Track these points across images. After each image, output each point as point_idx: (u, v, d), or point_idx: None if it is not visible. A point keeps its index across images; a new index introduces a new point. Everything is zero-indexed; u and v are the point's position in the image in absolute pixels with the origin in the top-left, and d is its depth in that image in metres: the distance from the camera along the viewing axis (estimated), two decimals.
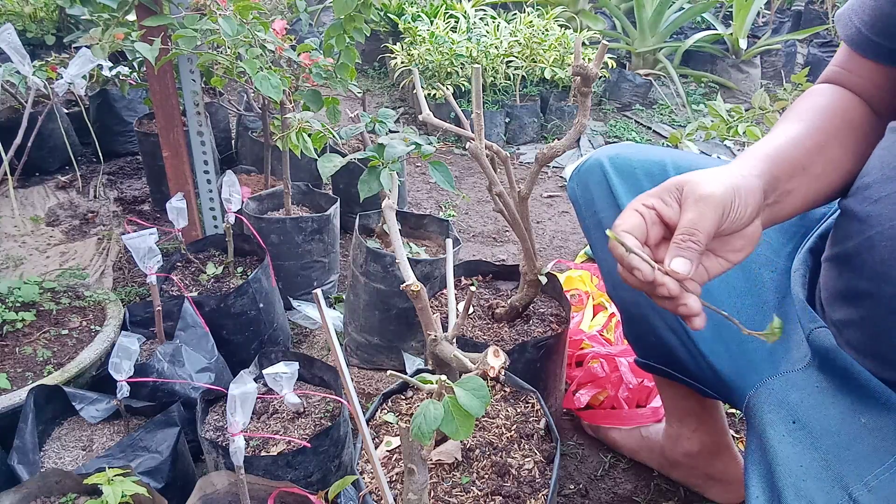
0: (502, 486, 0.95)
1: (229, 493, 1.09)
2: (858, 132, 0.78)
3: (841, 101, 0.80)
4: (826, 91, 0.82)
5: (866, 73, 0.79)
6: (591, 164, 1.05)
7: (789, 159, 0.73)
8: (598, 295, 1.85)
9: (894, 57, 0.75)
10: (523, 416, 1.10)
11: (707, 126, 2.02)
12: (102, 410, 1.27)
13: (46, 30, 3.47)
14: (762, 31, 4.56)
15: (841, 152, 0.76)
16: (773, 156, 0.72)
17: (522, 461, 1.00)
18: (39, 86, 1.64)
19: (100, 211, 2.47)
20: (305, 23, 2.78)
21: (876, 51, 0.76)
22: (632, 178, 1.00)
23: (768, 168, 0.70)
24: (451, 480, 0.97)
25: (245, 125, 2.55)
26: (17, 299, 1.51)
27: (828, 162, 0.75)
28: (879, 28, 0.74)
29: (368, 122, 1.62)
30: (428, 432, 0.71)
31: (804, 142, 0.75)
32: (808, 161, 0.74)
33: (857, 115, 0.80)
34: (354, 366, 1.73)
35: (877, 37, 0.74)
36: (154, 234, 1.33)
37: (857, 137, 0.78)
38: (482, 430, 1.06)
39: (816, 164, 0.74)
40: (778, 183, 0.71)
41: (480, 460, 1.00)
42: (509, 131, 3.35)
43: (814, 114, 0.79)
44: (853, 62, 0.80)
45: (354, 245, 1.65)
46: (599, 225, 1.04)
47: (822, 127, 0.77)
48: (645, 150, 1.03)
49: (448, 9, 3.91)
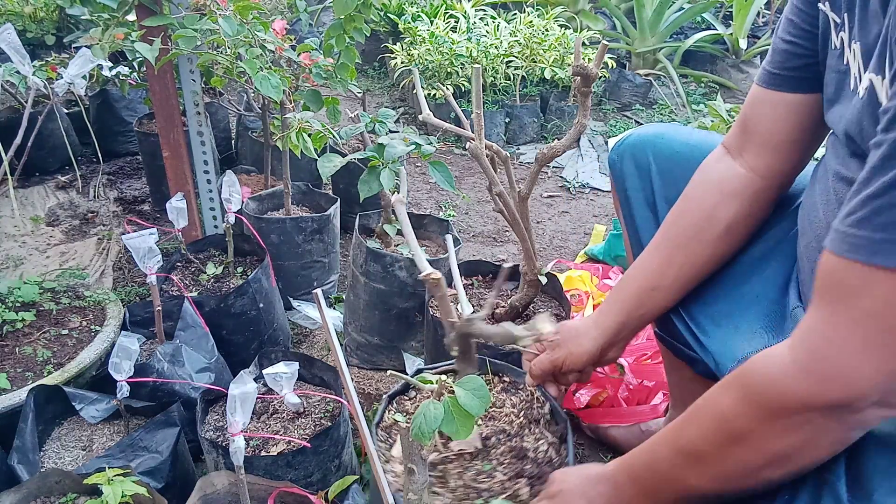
0: (524, 469, 0.98)
1: (229, 493, 1.09)
2: (715, 222, 0.95)
3: (705, 191, 0.96)
4: (701, 173, 0.98)
5: (770, 108, 0.90)
6: (637, 142, 1.11)
7: (635, 291, 1.01)
8: (599, 295, 1.85)
9: (791, 84, 0.87)
10: (527, 402, 1.12)
11: (707, 126, 2.02)
12: (102, 410, 1.27)
13: (46, 30, 3.47)
14: (762, 31, 4.56)
15: (697, 247, 0.95)
16: (619, 298, 1.03)
17: (537, 444, 1.03)
18: (39, 86, 1.63)
19: (100, 211, 2.47)
20: (305, 23, 2.77)
21: (780, 82, 0.88)
22: (671, 162, 1.08)
23: (615, 314, 1.02)
24: (475, 468, 0.98)
25: (245, 125, 2.55)
26: (17, 299, 1.51)
27: (682, 265, 0.96)
28: (777, 62, 0.88)
29: (368, 122, 1.62)
30: (428, 432, 0.71)
31: (652, 262, 0.99)
32: (657, 280, 0.98)
33: (719, 199, 0.94)
34: (354, 366, 1.73)
35: (777, 69, 0.88)
36: (154, 234, 1.33)
37: (714, 229, 0.95)
38: (492, 420, 1.08)
39: (667, 276, 0.97)
40: (627, 321, 1.01)
41: (497, 447, 1.02)
42: (509, 131, 3.35)
43: (668, 224, 1.00)
44: (759, 104, 0.92)
45: (354, 245, 1.65)
46: (627, 201, 1.12)
47: (671, 237, 0.98)
48: (686, 133, 1.11)
49: (448, 9, 3.91)
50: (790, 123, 0.88)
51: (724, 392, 0.72)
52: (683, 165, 1.03)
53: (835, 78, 0.77)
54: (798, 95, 0.86)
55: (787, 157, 0.91)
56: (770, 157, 0.91)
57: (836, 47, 0.76)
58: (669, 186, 1.05)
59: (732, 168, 0.95)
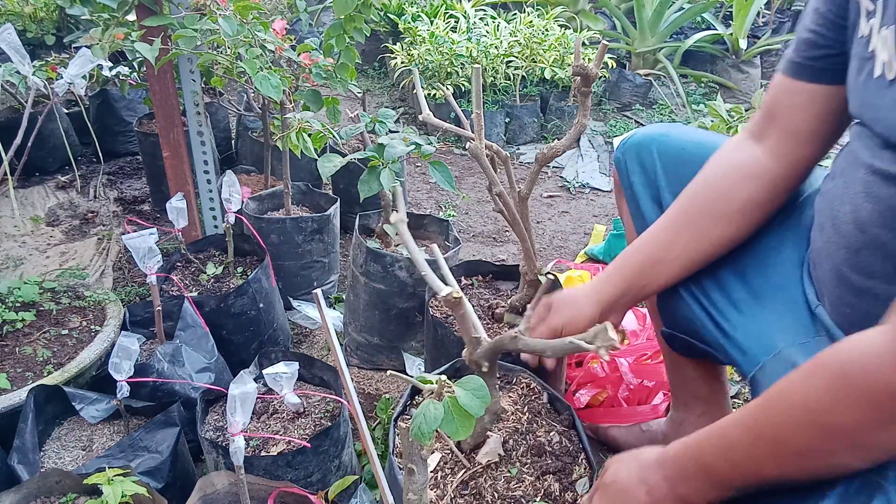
0: (547, 465, 0.98)
1: (229, 493, 1.09)
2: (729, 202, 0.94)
3: (723, 172, 0.96)
4: (718, 156, 0.98)
5: (792, 97, 0.89)
6: (641, 140, 1.11)
7: (638, 262, 1.00)
8: None
9: (814, 73, 0.86)
10: (525, 396, 1.12)
11: (707, 126, 2.02)
12: (102, 410, 1.27)
13: (46, 30, 3.47)
14: (762, 31, 4.56)
15: (709, 225, 0.95)
16: (622, 266, 1.03)
17: (549, 436, 1.03)
18: (39, 86, 1.64)
19: (100, 211, 2.47)
20: (305, 23, 2.77)
21: (801, 71, 0.88)
22: (676, 158, 1.09)
23: (616, 283, 1.02)
24: (503, 476, 0.99)
25: (245, 125, 2.55)
26: (17, 299, 1.51)
27: (690, 241, 0.96)
28: (801, 52, 0.88)
29: (368, 122, 1.62)
30: (428, 432, 0.71)
31: (659, 235, 0.99)
32: (662, 253, 0.98)
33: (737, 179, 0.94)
34: (354, 366, 1.73)
35: (800, 59, 0.88)
36: (154, 234, 1.33)
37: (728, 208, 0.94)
38: (501, 422, 1.08)
39: (672, 250, 0.97)
40: (628, 290, 1.01)
41: (517, 449, 1.03)
42: (509, 131, 3.35)
43: (680, 201, 0.99)
44: (782, 93, 0.91)
45: (354, 245, 1.65)
46: (634, 197, 1.13)
47: (682, 212, 0.98)
48: (691, 132, 1.11)
49: (448, 9, 3.91)
50: (811, 113, 0.88)
51: (810, 380, 0.68)
52: (689, 162, 1.04)
53: (859, 66, 0.76)
54: (820, 86, 0.86)
55: (809, 146, 0.91)
56: (792, 145, 0.91)
57: (864, 35, 0.75)
58: (675, 182, 1.05)
59: (753, 153, 0.95)
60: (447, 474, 0.99)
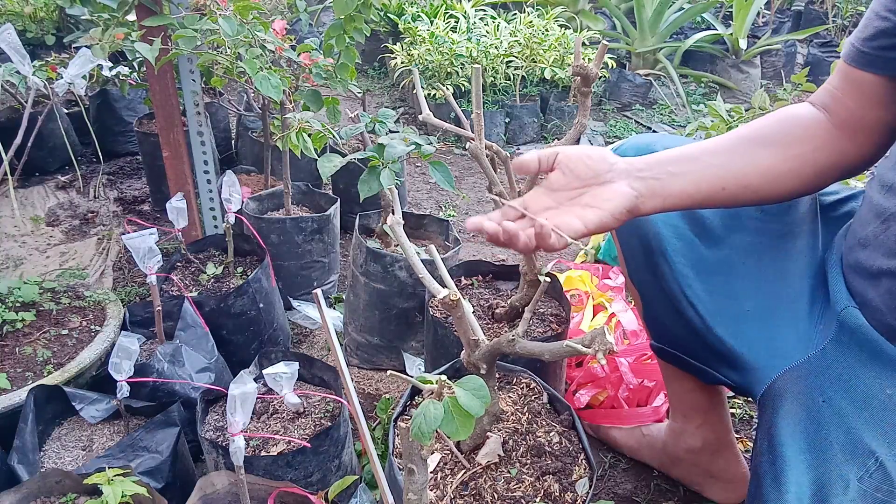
0: (546, 466, 0.98)
1: (229, 493, 1.09)
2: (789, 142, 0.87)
3: (787, 117, 0.89)
4: (782, 111, 0.91)
5: (857, 87, 0.84)
6: (635, 143, 1.08)
7: (678, 152, 0.87)
8: (598, 295, 1.85)
9: (879, 64, 0.81)
10: (525, 396, 1.12)
11: (707, 126, 2.02)
12: (102, 410, 1.27)
13: (46, 30, 3.47)
14: (762, 31, 4.56)
15: (762, 154, 0.86)
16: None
17: (548, 437, 1.03)
18: (39, 86, 1.64)
19: (100, 211, 2.47)
20: (305, 23, 2.77)
21: (865, 60, 0.83)
22: None
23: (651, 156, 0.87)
24: (503, 477, 0.99)
25: (245, 125, 2.55)
26: (17, 299, 1.51)
27: (729, 160, 0.86)
28: (867, 40, 0.82)
29: (368, 122, 1.62)
30: (428, 432, 0.71)
31: (703, 144, 0.89)
32: (699, 153, 0.86)
33: (798, 128, 0.87)
34: (354, 366, 1.73)
35: (865, 48, 0.82)
36: (154, 234, 1.33)
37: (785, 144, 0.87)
38: (500, 422, 1.08)
39: (707, 157, 0.86)
40: (658, 164, 0.85)
41: (516, 449, 1.03)
42: (509, 131, 3.35)
43: (742, 128, 0.90)
44: (845, 80, 0.86)
45: (354, 245, 1.65)
46: None
47: (740, 132, 0.89)
48: (680, 140, 1.08)
49: (448, 9, 3.91)
50: (874, 104, 0.83)
51: None
52: None
53: None
54: (885, 78, 0.81)
55: (870, 138, 0.86)
56: (853, 134, 0.86)
57: None
58: None
59: (819, 116, 0.88)
60: (447, 475, 1.00)
